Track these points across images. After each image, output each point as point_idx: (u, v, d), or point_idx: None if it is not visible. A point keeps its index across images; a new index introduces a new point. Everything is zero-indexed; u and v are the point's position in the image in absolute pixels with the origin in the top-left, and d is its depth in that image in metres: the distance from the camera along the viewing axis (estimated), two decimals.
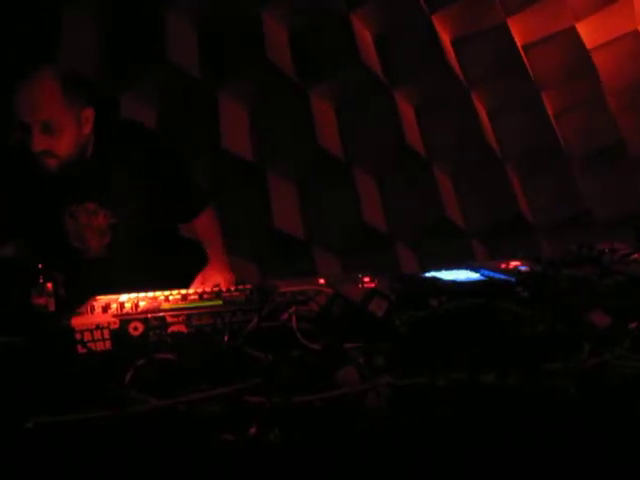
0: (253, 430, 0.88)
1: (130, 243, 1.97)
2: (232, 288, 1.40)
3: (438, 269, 1.56)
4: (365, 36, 3.93)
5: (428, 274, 1.54)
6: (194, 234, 2.16)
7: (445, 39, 4.08)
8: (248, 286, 1.40)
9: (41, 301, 1.43)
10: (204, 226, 2.12)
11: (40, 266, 1.54)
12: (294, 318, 1.17)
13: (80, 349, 1.18)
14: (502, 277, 1.46)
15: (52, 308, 1.44)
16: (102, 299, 1.36)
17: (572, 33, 4.28)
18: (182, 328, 1.23)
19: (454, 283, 1.42)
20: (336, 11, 3.71)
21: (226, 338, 1.16)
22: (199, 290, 1.39)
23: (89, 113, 1.85)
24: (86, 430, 0.89)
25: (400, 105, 3.87)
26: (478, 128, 3.92)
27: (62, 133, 1.76)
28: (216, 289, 1.41)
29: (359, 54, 3.70)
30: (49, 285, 1.47)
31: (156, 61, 3.19)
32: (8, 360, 1.10)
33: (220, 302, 1.31)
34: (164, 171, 1.99)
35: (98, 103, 1.89)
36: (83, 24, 3.07)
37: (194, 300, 1.34)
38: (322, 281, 1.38)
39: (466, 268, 1.58)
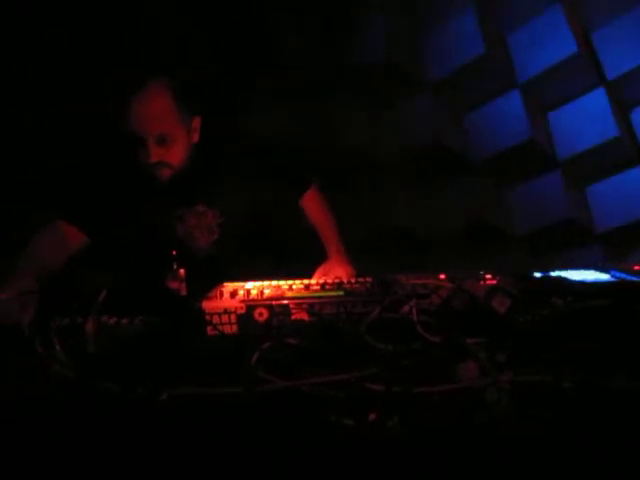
0: (373, 416, 0.89)
1: (237, 238, 2.05)
2: (353, 280, 1.43)
3: (564, 269, 1.51)
4: None
5: (554, 273, 1.48)
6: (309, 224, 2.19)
7: None
8: (369, 279, 1.42)
9: (174, 285, 1.53)
10: (312, 207, 2.16)
11: (174, 252, 1.65)
12: (415, 310, 1.18)
13: (210, 331, 1.25)
14: (636, 279, 1.39)
15: (184, 292, 1.54)
16: (230, 285, 1.43)
17: None
18: (304, 316, 1.27)
19: (582, 283, 1.36)
20: None
21: (347, 327, 1.18)
22: (321, 280, 1.43)
23: (197, 122, 1.93)
24: (215, 404, 0.94)
25: None
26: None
27: (175, 143, 1.84)
28: (337, 280, 1.44)
29: None
30: (182, 271, 1.56)
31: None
32: (147, 337, 1.19)
33: (341, 293, 1.34)
34: (262, 162, 2.06)
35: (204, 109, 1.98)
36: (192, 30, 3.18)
37: (316, 290, 1.38)
38: (443, 276, 1.37)
39: (594, 269, 1.52)
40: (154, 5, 2.78)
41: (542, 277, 1.46)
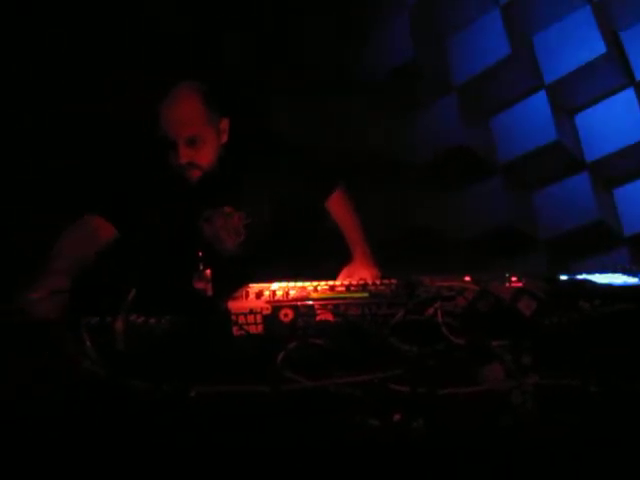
0: (397, 417, 0.90)
1: (264, 240, 2.06)
2: (378, 282, 1.43)
3: (591, 272, 1.49)
4: None
5: (580, 276, 1.47)
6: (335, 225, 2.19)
7: None
8: (393, 280, 1.42)
9: (201, 286, 1.55)
10: (338, 208, 2.16)
11: (200, 253, 1.66)
12: (440, 313, 1.18)
13: (236, 331, 1.27)
14: None
15: (210, 293, 1.55)
16: (255, 286, 1.44)
17: None
18: (329, 317, 1.28)
19: (610, 286, 1.35)
20: None
21: (372, 328, 1.19)
22: (346, 282, 1.44)
23: (225, 123, 1.97)
24: (241, 402, 0.96)
25: None
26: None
27: (204, 145, 1.88)
28: (362, 282, 1.44)
29: None
30: (208, 272, 1.58)
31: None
32: (175, 336, 1.21)
33: (366, 294, 1.35)
34: (288, 164, 2.07)
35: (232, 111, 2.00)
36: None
37: (341, 291, 1.38)
38: (468, 278, 1.37)
39: (622, 272, 1.50)
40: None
41: (569, 280, 1.45)
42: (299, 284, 1.44)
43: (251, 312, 1.29)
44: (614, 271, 1.51)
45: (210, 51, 2.87)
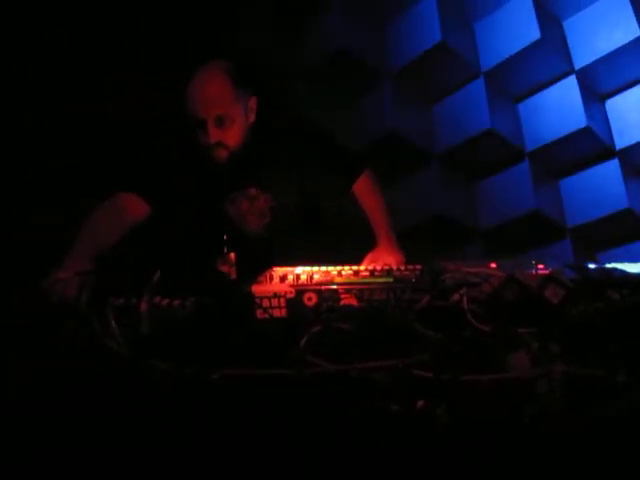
0: (421, 403, 0.89)
1: (289, 222, 2.05)
2: (402, 267, 1.42)
3: (620, 261, 1.46)
4: None
5: (610, 265, 1.44)
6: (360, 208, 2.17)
7: None
8: (418, 266, 1.41)
9: (225, 269, 1.55)
10: (365, 192, 2.12)
11: (225, 237, 1.67)
12: (465, 299, 1.16)
13: (260, 314, 1.27)
14: None
15: (234, 276, 1.55)
16: (279, 270, 1.44)
17: None
18: (353, 301, 1.27)
19: None
20: None
21: (396, 313, 1.18)
22: (370, 267, 1.43)
23: (253, 102, 1.95)
24: (264, 385, 0.96)
25: None
26: None
27: (233, 124, 1.87)
28: (387, 267, 1.43)
29: None
30: (232, 255, 1.58)
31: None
32: (199, 318, 1.21)
33: (391, 279, 1.33)
34: (315, 147, 2.04)
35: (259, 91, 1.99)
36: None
37: (365, 276, 1.37)
38: (494, 265, 1.35)
39: None
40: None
41: (598, 269, 1.43)
42: (323, 268, 1.43)
43: (275, 296, 1.29)
44: None
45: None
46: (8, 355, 1.12)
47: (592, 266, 1.44)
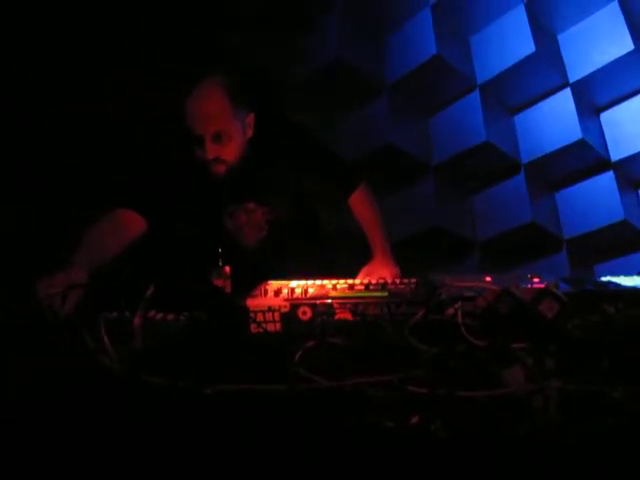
0: (415, 419, 0.89)
1: (285, 235, 2.05)
2: (397, 281, 1.41)
3: (616, 272, 1.47)
4: None
5: (604, 279, 1.45)
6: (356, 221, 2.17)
7: None
8: (413, 280, 1.40)
9: (219, 282, 1.55)
10: (361, 205, 2.12)
11: (220, 250, 1.66)
12: (460, 313, 1.16)
13: (254, 328, 1.26)
14: None
15: (228, 289, 1.55)
16: (274, 283, 1.43)
17: None
18: (348, 316, 1.27)
19: (635, 289, 1.32)
20: None
21: (391, 328, 1.17)
22: (365, 281, 1.42)
23: (251, 118, 1.95)
24: (257, 400, 0.95)
25: None
26: None
27: (230, 141, 1.86)
28: (382, 281, 1.43)
29: None
30: (227, 269, 1.58)
31: None
32: (193, 332, 1.21)
33: (386, 293, 1.33)
34: (312, 160, 2.05)
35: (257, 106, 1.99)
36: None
37: (360, 290, 1.37)
38: (489, 279, 1.35)
39: None
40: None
41: (592, 282, 1.43)
42: (318, 282, 1.43)
43: (269, 309, 1.28)
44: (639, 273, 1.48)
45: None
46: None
47: (587, 280, 1.45)
